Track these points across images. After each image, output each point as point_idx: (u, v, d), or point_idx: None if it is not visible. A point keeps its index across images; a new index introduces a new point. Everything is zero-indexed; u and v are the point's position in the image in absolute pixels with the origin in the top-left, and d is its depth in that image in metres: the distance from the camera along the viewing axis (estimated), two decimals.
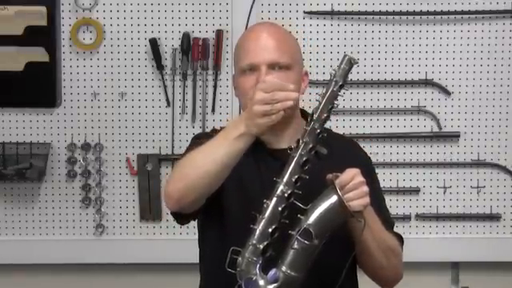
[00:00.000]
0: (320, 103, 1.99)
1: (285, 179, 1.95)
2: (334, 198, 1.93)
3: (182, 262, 3.04)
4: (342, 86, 2.00)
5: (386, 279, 2.17)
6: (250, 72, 2.10)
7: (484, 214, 3.22)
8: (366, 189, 1.96)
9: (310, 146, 1.97)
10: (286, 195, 1.94)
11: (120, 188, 3.21)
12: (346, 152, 2.18)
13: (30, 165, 3.12)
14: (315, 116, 1.98)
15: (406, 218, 3.21)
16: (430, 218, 3.22)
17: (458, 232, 3.23)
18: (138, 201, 3.20)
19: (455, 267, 3.26)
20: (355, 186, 1.95)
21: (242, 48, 2.16)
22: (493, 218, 3.22)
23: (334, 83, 1.99)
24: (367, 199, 1.96)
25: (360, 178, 1.96)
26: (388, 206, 2.27)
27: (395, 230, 2.24)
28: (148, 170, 3.18)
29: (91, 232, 3.21)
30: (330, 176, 1.97)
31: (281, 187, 1.94)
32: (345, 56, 2.01)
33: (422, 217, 3.22)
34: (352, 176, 1.95)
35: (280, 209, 1.94)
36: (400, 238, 2.20)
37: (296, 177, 1.95)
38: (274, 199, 1.94)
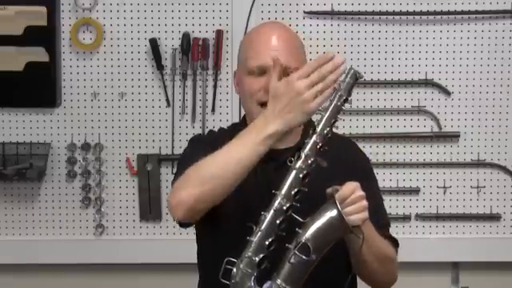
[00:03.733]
0: (323, 116, 1.95)
1: (283, 192, 1.91)
2: (333, 213, 1.90)
3: (182, 262, 3.04)
4: (346, 100, 1.96)
5: (380, 283, 2.17)
6: (259, 74, 2.08)
7: (484, 214, 3.22)
8: (365, 203, 1.94)
9: (311, 159, 1.93)
10: (284, 208, 1.91)
11: (120, 188, 3.21)
12: (344, 152, 2.17)
13: (30, 165, 3.12)
14: (318, 129, 1.94)
15: (406, 217, 3.21)
16: (430, 218, 3.22)
17: (458, 232, 3.23)
18: (137, 201, 3.20)
19: (455, 267, 3.26)
20: (355, 200, 1.93)
21: (250, 47, 2.14)
22: (493, 218, 3.22)
23: (338, 97, 1.95)
24: (366, 214, 1.94)
25: (360, 192, 1.94)
26: (388, 206, 2.27)
27: (391, 230, 2.23)
28: (148, 170, 3.18)
29: (91, 232, 3.21)
30: (329, 190, 1.94)
31: (279, 200, 1.91)
32: (350, 69, 1.96)
33: (421, 217, 3.22)
34: (352, 190, 1.93)
35: (278, 222, 1.91)
36: (395, 242, 2.20)
37: (295, 190, 1.92)
38: (272, 212, 1.91)
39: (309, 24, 3.17)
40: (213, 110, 3.18)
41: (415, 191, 3.22)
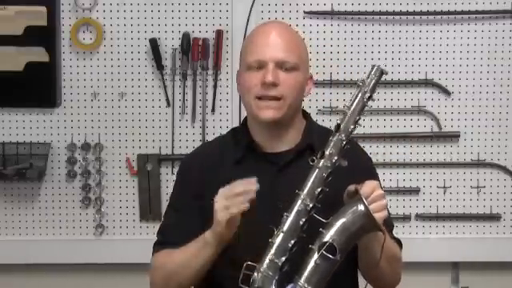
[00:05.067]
0: (346, 114, 1.95)
1: (306, 191, 1.90)
2: (359, 210, 1.87)
3: None
4: (370, 97, 1.96)
5: (386, 284, 2.17)
6: (257, 69, 2.09)
7: (484, 214, 3.22)
8: (385, 202, 1.94)
9: (335, 158, 1.92)
10: (307, 209, 1.89)
11: (120, 188, 3.21)
12: (347, 153, 2.17)
13: (30, 165, 3.12)
14: (342, 127, 1.94)
15: (406, 218, 3.21)
16: (430, 218, 3.22)
17: (458, 232, 3.23)
18: (137, 201, 3.20)
19: (455, 267, 3.26)
20: (375, 199, 1.92)
21: (250, 44, 2.15)
22: (493, 218, 3.22)
23: (362, 94, 1.95)
24: (386, 212, 1.94)
25: (380, 191, 1.94)
26: (388, 206, 2.26)
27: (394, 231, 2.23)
28: (148, 170, 3.18)
29: (91, 232, 3.21)
30: (351, 188, 1.93)
31: (302, 200, 1.89)
32: (374, 66, 1.97)
33: (421, 217, 3.22)
34: (373, 188, 1.93)
35: (301, 223, 1.88)
36: (400, 243, 2.19)
37: (319, 189, 1.90)
38: (295, 212, 1.89)
39: (309, 24, 3.17)
40: (213, 110, 3.18)
41: (415, 191, 3.22)
